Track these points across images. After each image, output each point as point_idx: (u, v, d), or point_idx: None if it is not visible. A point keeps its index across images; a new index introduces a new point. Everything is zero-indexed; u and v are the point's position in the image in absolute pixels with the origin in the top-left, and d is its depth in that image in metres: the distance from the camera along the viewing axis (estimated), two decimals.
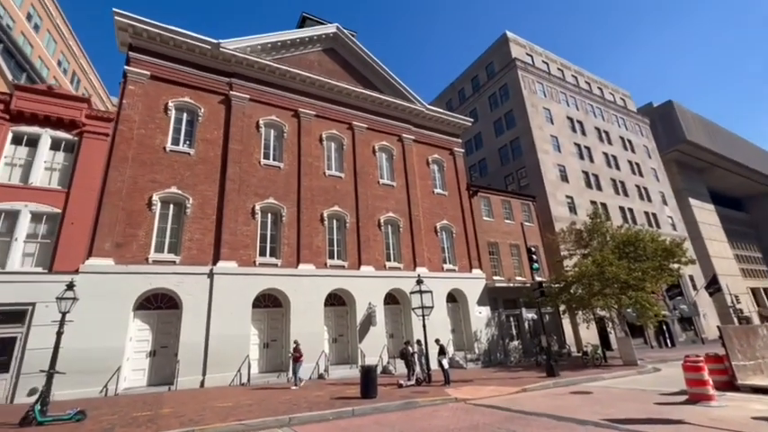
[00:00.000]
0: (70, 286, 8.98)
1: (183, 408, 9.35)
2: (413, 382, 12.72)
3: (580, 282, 18.87)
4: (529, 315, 23.54)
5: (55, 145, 13.82)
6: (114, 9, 15.33)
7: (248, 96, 18.13)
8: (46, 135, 13.62)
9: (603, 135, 39.28)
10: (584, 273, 18.51)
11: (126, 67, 15.71)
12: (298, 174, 18.30)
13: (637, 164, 40.95)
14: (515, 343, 22.31)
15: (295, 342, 13.62)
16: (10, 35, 24.37)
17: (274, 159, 18.17)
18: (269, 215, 17.17)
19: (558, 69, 39.58)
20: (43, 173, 13.39)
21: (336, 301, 18.08)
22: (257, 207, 16.69)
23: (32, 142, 13.47)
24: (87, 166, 13.82)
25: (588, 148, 36.23)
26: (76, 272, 12.46)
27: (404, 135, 22.86)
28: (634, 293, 17.48)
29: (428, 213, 22.12)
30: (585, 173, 34.23)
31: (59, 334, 8.59)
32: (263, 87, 18.75)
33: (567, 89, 38.29)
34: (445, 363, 12.89)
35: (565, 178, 31.78)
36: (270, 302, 16.43)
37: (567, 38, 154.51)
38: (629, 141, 42.25)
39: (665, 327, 30.84)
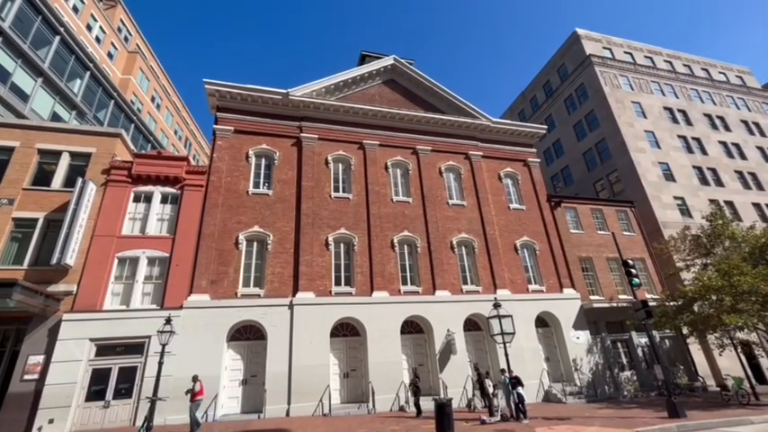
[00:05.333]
0: (168, 321, 10.24)
1: None
2: (497, 418, 11.52)
3: (704, 297, 15.54)
4: (642, 340, 20.07)
5: (164, 199, 16.34)
6: (204, 80, 18.06)
7: (317, 136, 19.48)
8: (157, 191, 16.21)
9: (717, 121, 33.21)
10: (707, 286, 15.24)
11: (215, 126, 18.18)
12: (366, 203, 18.78)
13: None
14: (627, 373, 19.02)
15: (194, 378, 11.33)
16: (139, 116, 30.33)
17: (343, 191, 18.96)
18: (341, 245, 17.76)
19: (646, 57, 35.16)
20: (155, 223, 15.83)
21: (413, 328, 17.61)
22: (330, 238, 17.41)
23: (147, 199, 16.12)
24: (187, 214, 16.01)
25: (698, 139, 30.85)
26: (181, 307, 14.23)
27: (471, 152, 22.18)
28: None
29: (505, 231, 20.72)
30: (698, 168, 29.02)
31: (161, 364, 9.76)
32: (329, 126, 20.03)
33: (659, 77, 33.66)
34: (522, 392, 11.61)
35: (670, 177, 27.29)
36: (348, 331, 16.66)
37: (660, 27, 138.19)
38: (756, 124, 35.01)
39: None
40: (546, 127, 25.47)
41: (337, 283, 16.89)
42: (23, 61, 19.29)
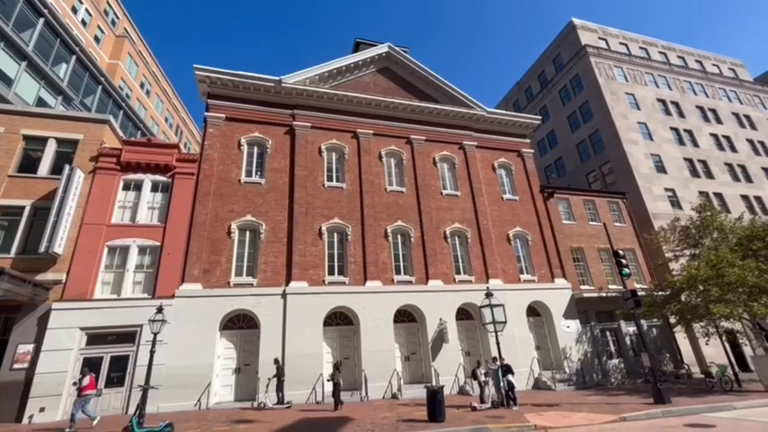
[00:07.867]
0: (159, 310, 10.17)
1: (256, 425, 9.77)
2: (488, 404, 11.71)
3: (692, 287, 15.84)
4: (630, 329, 20.46)
5: (154, 187, 16.09)
6: (194, 65, 17.66)
7: (310, 124, 19.25)
8: (147, 179, 15.94)
9: (709, 113, 33.46)
10: (695, 276, 15.52)
11: (206, 113, 17.85)
12: (360, 192, 18.69)
13: (761, 142, 33.94)
14: (615, 361, 19.43)
15: (83, 371, 10.47)
16: (128, 102, 29.65)
17: (337, 181, 18.83)
18: (335, 235, 17.71)
19: (641, 48, 35.14)
20: (146, 212, 15.60)
21: (406, 317, 17.73)
22: (323, 228, 17.34)
23: (138, 187, 15.86)
24: (179, 203, 15.80)
25: (690, 132, 31.10)
26: (173, 296, 14.14)
27: (465, 142, 22.11)
28: None
29: (498, 221, 20.81)
30: (689, 160, 29.31)
31: (152, 353, 9.71)
32: (322, 114, 19.77)
33: (654, 68, 33.69)
34: (512, 379, 11.88)
35: (662, 169, 27.54)
36: (341, 320, 16.73)
37: (658, 19, 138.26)
38: (747, 117, 35.35)
39: None
40: (540, 117, 25.43)
41: (330, 272, 16.88)
42: (6, 44, 18.66)
